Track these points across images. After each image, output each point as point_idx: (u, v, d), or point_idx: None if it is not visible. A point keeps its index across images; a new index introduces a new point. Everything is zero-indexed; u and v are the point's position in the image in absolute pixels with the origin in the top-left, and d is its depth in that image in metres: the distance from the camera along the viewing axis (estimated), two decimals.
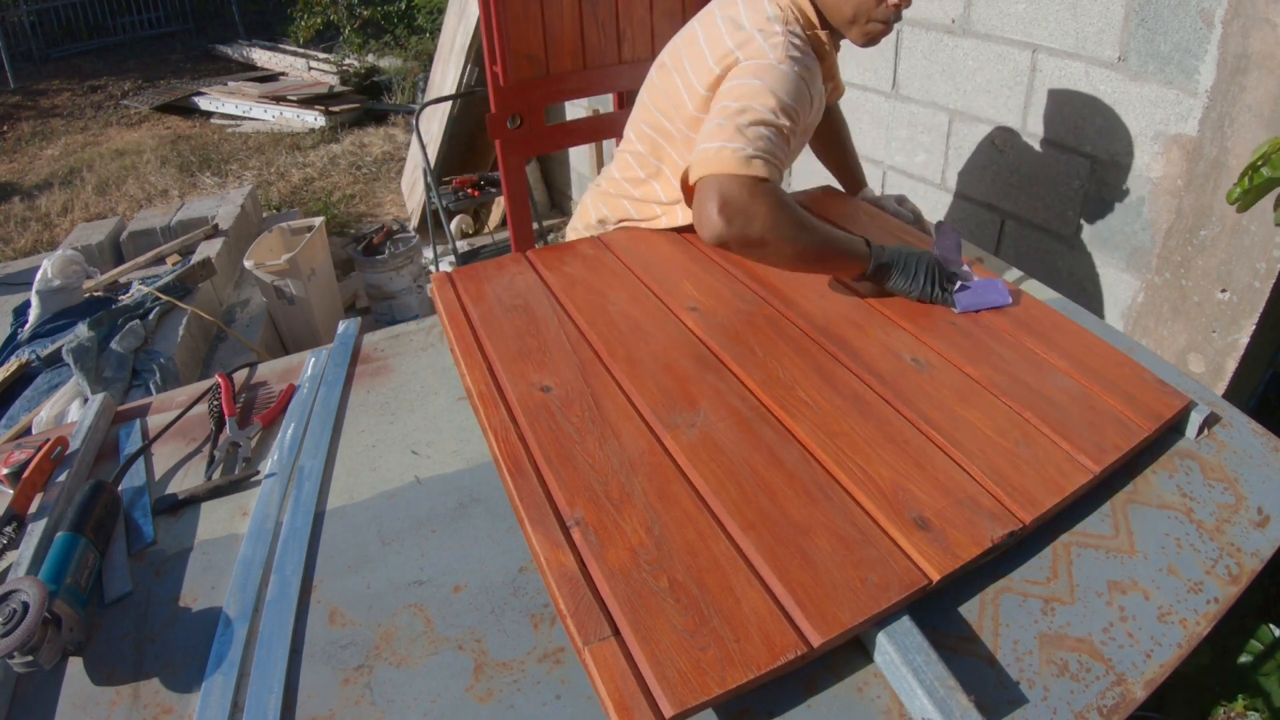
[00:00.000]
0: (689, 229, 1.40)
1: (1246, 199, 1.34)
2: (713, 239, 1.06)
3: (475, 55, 3.77)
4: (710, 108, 1.17)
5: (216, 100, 6.68)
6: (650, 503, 0.82)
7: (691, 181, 1.10)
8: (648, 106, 1.36)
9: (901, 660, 0.68)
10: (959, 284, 1.18)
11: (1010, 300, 1.18)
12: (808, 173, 2.44)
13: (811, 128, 1.32)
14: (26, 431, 1.97)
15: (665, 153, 1.35)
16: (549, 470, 0.87)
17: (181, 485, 0.97)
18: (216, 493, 0.95)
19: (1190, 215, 1.56)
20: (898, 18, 1.20)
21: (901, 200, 1.60)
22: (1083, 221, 1.79)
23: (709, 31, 1.23)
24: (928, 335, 1.09)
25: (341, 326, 1.25)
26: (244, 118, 6.53)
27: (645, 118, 1.37)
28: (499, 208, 4.24)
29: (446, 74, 4.07)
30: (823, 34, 1.24)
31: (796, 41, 1.18)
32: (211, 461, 1.00)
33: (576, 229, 1.59)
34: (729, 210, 1.04)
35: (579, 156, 4.18)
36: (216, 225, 3.29)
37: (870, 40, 1.24)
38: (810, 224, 1.11)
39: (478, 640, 0.76)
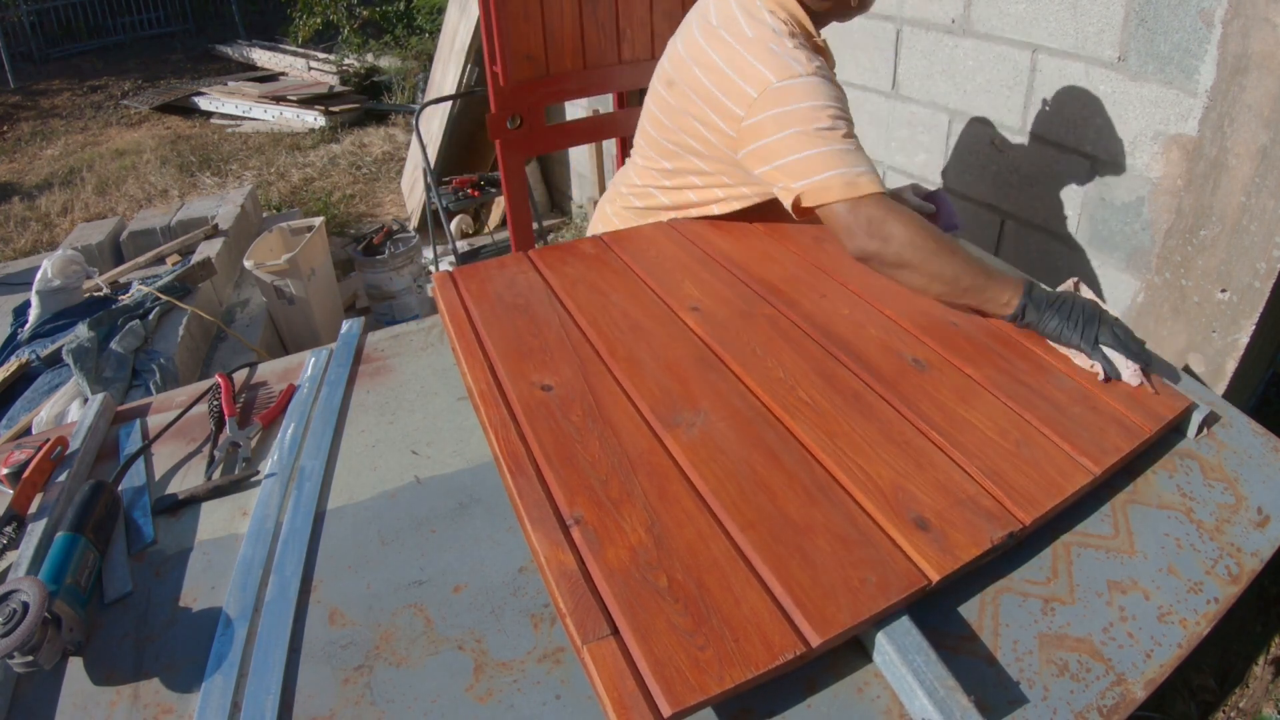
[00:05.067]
0: (688, 229, 1.41)
1: None
2: (862, 261, 1.14)
3: (475, 55, 3.77)
4: (755, 130, 1.18)
5: (216, 100, 6.68)
6: (650, 502, 0.82)
7: (805, 205, 1.15)
8: (665, 124, 1.36)
9: (901, 660, 0.68)
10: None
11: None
12: None
13: None
14: (26, 431, 1.97)
15: (692, 164, 1.36)
16: (549, 469, 0.87)
17: (181, 485, 0.97)
18: (216, 493, 0.95)
19: (1190, 215, 1.56)
20: None
21: (916, 189, 1.60)
22: (1082, 221, 1.80)
23: (723, 50, 1.22)
24: (928, 335, 1.09)
25: (345, 326, 1.25)
26: (244, 118, 6.53)
27: (662, 134, 1.37)
28: (499, 208, 4.24)
29: (446, 74, 4.07)
30: (819, 40, 1.28)
31: (808, 49, 1.21)
32: (211, 461, 1.00)
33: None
34: (859, 238, 1.11)
35: (579, 156, 4.18)
36: (216, 225, 3.29)
37: (863, 7, 1.32)
38: (949, 244, 1.11)
39: (478, 640, 0.76)
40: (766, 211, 1.50)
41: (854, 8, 1.31)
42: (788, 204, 1.18)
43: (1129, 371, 1.00)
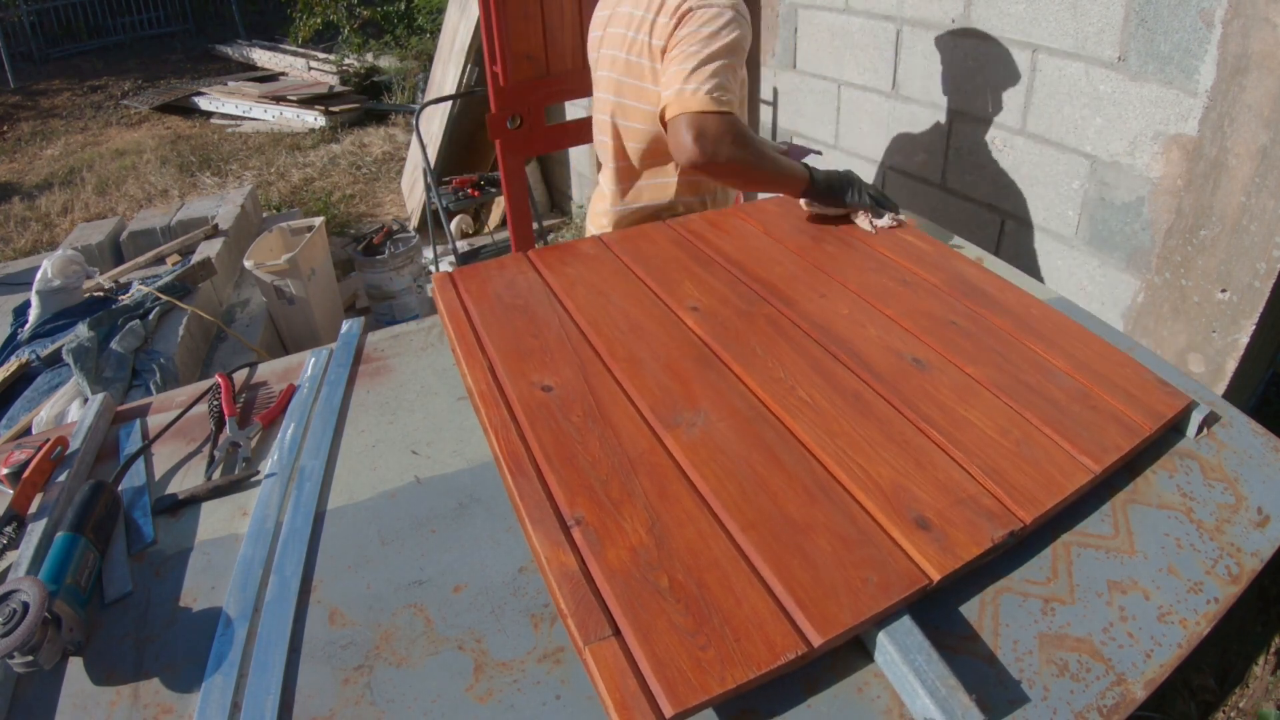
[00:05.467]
0: (688, 229, 1.41)
1: None
2: (688, 164, 1.29)
3: (475, 55, 3.77)
4: (671, 50, 1.34)
5: (216, 100, 6.69)
6: (651, 502, 0.82)
7: (668, 117, 1.30)
8: (626, 108, 1.48)
9: (902, 660, 0.68)
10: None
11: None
12: None
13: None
14: (26, 431, 1.97)
15: (658, 138, 1.46)
16: (550, 470, 0.87)
17: (181, 485, 0.97)
18: (216, 493, 0.95)
19: (1190, 215, 1.56)
20: None
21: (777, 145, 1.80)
22: (1082, 221, 1.79)
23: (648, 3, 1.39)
24: (928, 335, 1.09)
25: (345, 326, 1.25)
26: (244, 118, 6.53)
27: (627, 116, 1.49)
28: (499, 208, 4.24)
29: (446, 74, 4.07)
30: None
31: None
32: (211, 461, 1.00)
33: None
34: (703, 140, 1.26)
35: (579, 156, 4.18)
36: (216, 225, 3.29)
37: None
38: (764, 152, 1.34)
39: (478, 640, 0.76)
40: (766, 213, 1.50)
41: None
42: (656, 116, 1.37)
43: (887, 218, 1.41)
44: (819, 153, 1.81)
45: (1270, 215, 1.43)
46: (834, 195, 1.40)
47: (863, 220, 1.41)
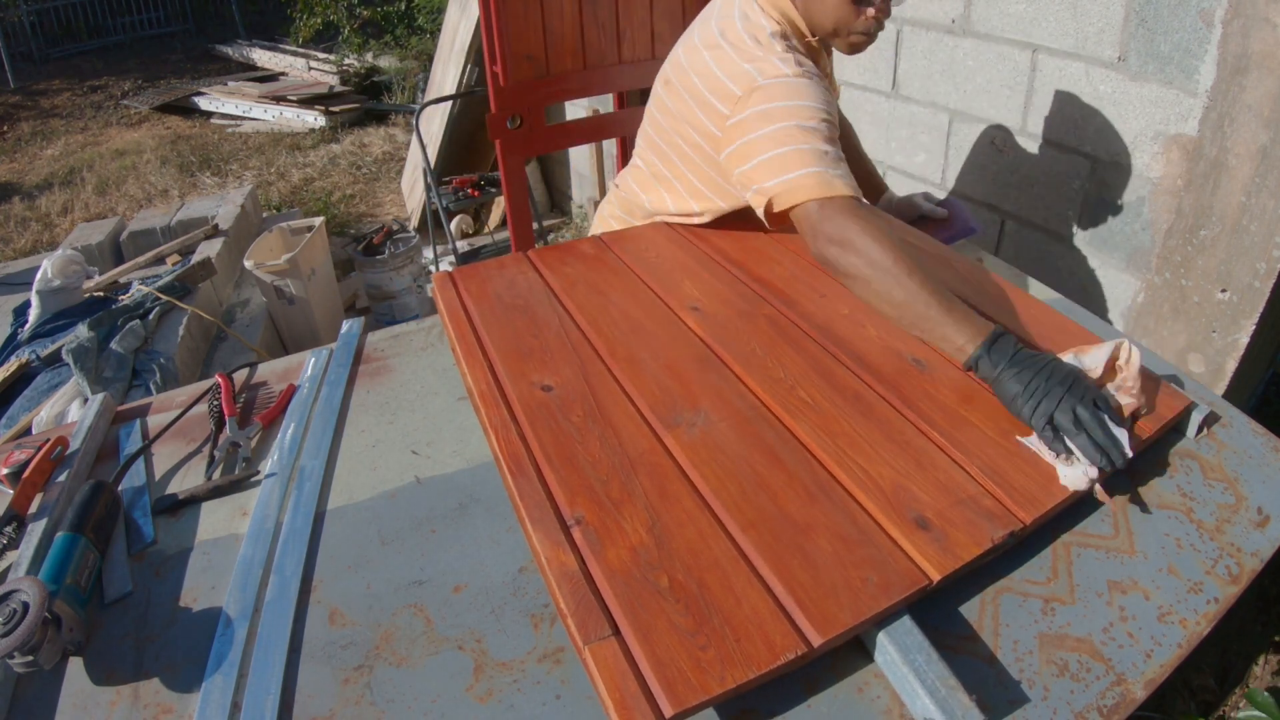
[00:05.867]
0: (688, 229, 1.41)
1: None
2: (822, 265, 1.08)
3: (475, 55, 3.77)
4: (740, 127, 1.16)
5: (216, 100, 6.68)
6: (651, 502, 0.82)
7: (777, 210, 1.11)
8: (659, 123, 1.36)
9: (903, 660, 0.68)
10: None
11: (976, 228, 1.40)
12: None
13: None
14: (26, 431, 1.97)
15: (677, 168, 1.35)
16: (550, 469, 0.87)
17: (181, 485, 0.97)
18: (216, 493, 0.95)
19: (1190, 215, 1.56)
20: (880, 28, 1.24)
21: (928, 196, 1.58)
22: (1083, 221, 1.80)
23: (715, 53, 1.21)
24: None
25: (345, 326, 1.25)
26: (244, 118, 6.53)
27: (658, 134, 1.37)
28: (499, 208, 4.24)
29: (446, 74, 4.07)
30: (813, 40, 1.26)
31: (801, 52, 1.20)
32: (211, 461, 1.00)
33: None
34: (821, 240, 1.06)
35: (579, 156, 4.18)
36: (216, 225, 3.29)
37: (854, 49, 1.28)
38: (911, 268, 0.99)
39: (478, 640, 0.76)
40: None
41: (837, 37, 1.25)
42: (760, 209, 1.14)
43: (1075, 473, 0.82)
44: (979, 230, 1.35)
45: (1270, 215, 1.43)
46: (1009, 397, 0.91)
47: (1042, 449, 0.86)
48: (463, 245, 4.10)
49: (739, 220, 1.45)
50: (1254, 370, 1.78)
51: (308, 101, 6.33)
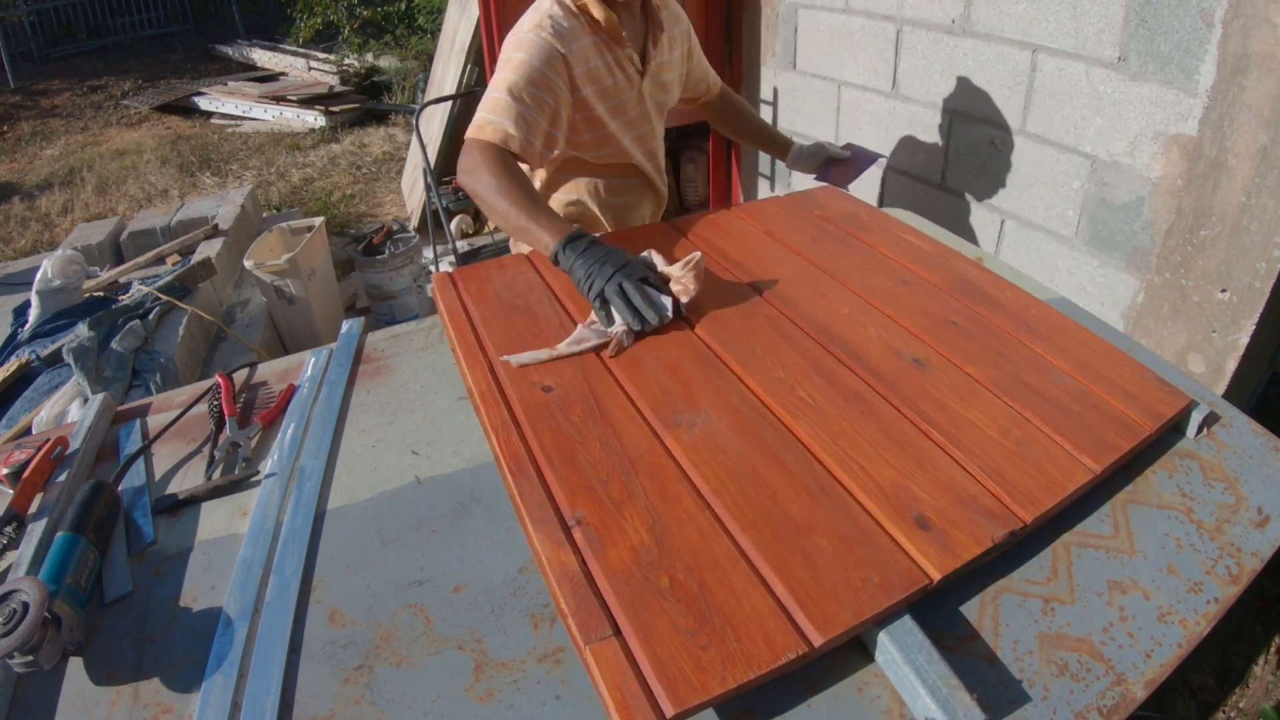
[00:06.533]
0: (687, 229, 1.41)
1: None
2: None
3: (475, 55, 3.77)
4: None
5: (216, 100, 6.68)
6: (651, 502, 0.82)
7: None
8: None
9: (903, 660, 0.68)
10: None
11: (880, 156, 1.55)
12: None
13: (610, 90, 1.44)
14: (26, 431, 1.97)
15: None
16: (550, 470, 0.87)
17: (181, 485, 0.97)
18: (216, 493, 0.95)
19: (1190, 215, 1.56)
20: None
21: (830, 144, 1.82)
22: (1082, 221, 1.79)
23: None
24: (928, 335, 1.09)
25: (345, 326, 1.25)
26: (244, 118, 6.53)
27: None
28: None
29: (446, 74, 4.07)
30: (595, 13, 1.36)
31: (558, 12, 1.34)
32: (211, 461, 1.00)
33: None
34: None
35: None
36: (216, 225, 3.29)
37: (628, 7, 1.41)
38: (517, 197, 1.24)
39: (478, 640, 0.76)
40: (766, 213, 1.50)
41: None
42: None
43: (593, 332, 1.03)
44: (883, 157, 1.74)
45: (1270, 215, 1.43)
46: (579, 280, 1.12)
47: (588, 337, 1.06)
48: (463, 245, 4.09)
49: (739, 220, 1.45)
50: (1254, 370, 1.78)
51: (308, 101, 6.33)
